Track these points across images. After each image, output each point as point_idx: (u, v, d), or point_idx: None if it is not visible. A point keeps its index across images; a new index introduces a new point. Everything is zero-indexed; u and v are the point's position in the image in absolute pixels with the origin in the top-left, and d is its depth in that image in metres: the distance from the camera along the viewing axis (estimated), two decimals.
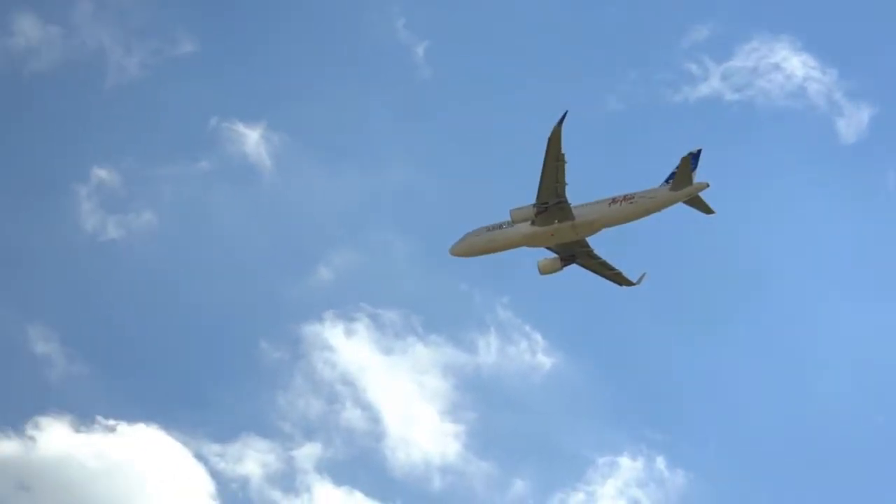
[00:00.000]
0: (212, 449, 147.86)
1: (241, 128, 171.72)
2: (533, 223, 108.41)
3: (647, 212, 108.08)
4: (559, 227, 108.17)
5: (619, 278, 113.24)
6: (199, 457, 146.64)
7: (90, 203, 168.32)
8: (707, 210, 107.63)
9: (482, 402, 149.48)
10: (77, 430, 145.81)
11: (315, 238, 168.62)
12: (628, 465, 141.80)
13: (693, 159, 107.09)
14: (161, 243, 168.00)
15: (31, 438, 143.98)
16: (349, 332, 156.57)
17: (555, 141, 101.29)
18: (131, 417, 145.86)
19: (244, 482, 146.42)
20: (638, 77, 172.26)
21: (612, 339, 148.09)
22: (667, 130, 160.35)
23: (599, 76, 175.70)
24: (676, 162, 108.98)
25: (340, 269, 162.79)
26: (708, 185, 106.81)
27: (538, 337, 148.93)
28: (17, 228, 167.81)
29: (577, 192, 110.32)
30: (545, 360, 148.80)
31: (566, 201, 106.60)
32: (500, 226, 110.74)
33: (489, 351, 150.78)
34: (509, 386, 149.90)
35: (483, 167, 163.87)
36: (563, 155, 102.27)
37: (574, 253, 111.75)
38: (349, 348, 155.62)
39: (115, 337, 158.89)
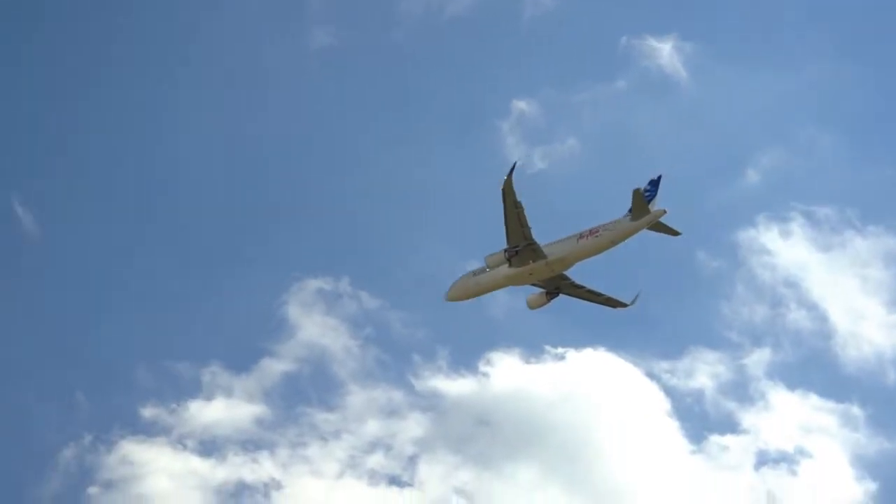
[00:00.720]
0: (661, 366, 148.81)
1: (652, 42, 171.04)
2: (511, 265, 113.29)
3: (613, 243, 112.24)
4: (535, 267, 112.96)
5: (610, 302, 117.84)
6: (651, 375, 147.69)
7: (513, 137, 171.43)
8: (672, 233, 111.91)
9: None
10: (527, 362, 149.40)
11: (739, 142, 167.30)
12: None
13: (652, 186, 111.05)
14: (586, 168, 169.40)
15: (485, 375, 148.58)
16: (784, 234, 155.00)
17: (508, 192, 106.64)
18: (578, 343, 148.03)
19: (698, 396, 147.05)
20: None
21: None
22: None
23: None
24: None
25: (767, 170, 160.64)
26: (665, 212, 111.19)
27: None
28: (446, 169, 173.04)
29: None
30: None
31: (535, 242, 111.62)
32: (483, 270, 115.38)
33: None
34: None
35: None
36: (519, 203, 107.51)
37: (558, 286, 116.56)
38: (786, 250, 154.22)
39: None
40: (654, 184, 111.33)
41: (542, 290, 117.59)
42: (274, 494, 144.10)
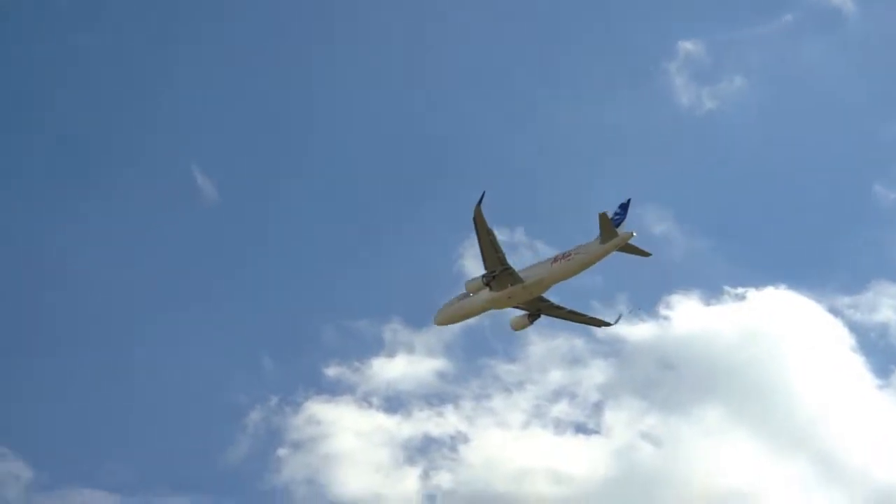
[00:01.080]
0: (844, 302, 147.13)
1: None
2: (491, 289, 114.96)
3: (585, 265, 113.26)
4: (513, 290, 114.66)
5: (593, 322, 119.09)
6: (833, 311, 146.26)
7: (681, 78, 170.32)
8: (642, 254, 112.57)
9: None
10: (707, 304, 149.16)
11: None
12: None
13: (622, 209, 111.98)
14: (755, 107, 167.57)
15: (666, 318, 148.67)
16: None
17: (479, 220, 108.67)
18: (758, 283, 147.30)
19: (882, 330, 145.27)
20: None
21: None
22: None
23: None
24: None
25: None
26: (633, 235, 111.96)
27: None
28: (616, 114, 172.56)
29: None
30: None
31: (510, 267, 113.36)
32: (466, 294, 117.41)
33: None
34: None
35: None
36: (491, 230, 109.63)
37: (539, 308, 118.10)
38: None
39: (726, 208, 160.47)
40: (624, 207, 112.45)
41: (524, 312, 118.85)
42: (461, 447, 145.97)
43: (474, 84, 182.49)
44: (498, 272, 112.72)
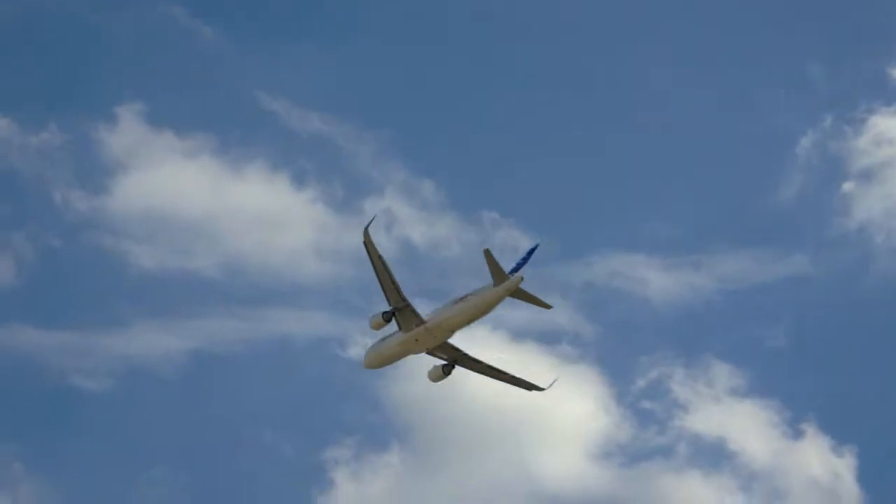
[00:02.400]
0: None
1: None
2: (401, 329, 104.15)
3: (480, 309, 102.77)
4: (418, 332, 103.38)
5: (521, 384, 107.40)
6: None
7: None
8: (542, 305, 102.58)
9: None
10: None
11: None
12: None
13: (528, 254, 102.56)
14: None
15: None
16: None
17: (369, 244, 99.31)
18: None
19: None
20: None
21: None
22: None
23: None
24: None
25: None
26: (521, 279, 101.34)
27: None
28: None
29: None
30: None
31: (410, 305, 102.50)
32: (384, 338, 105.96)
33: None
34: None
35: None
36: (381, 258, 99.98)
37: (454, 358, 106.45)
38: None
39: None
40: (531, 252, 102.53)
41: (441, 362, 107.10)
42: None
43: None
44: (401, 308, 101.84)
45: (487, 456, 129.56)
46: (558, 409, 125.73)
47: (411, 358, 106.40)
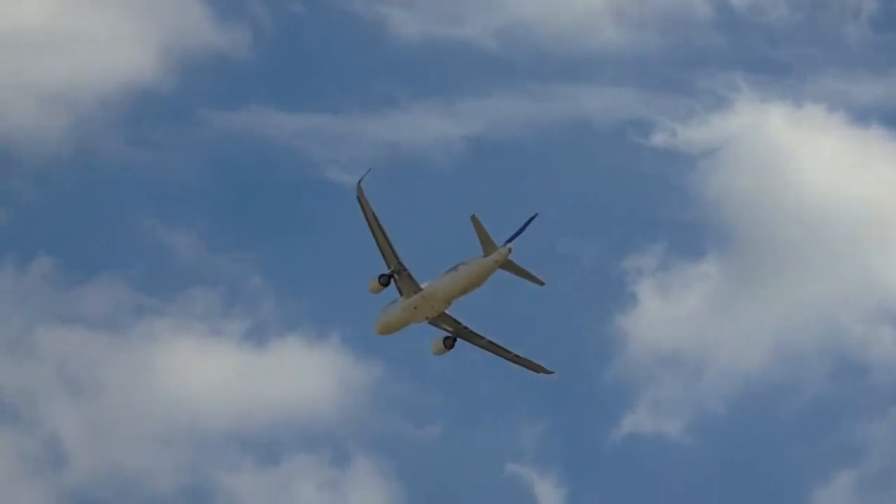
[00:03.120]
0: None
1: None
2: (402, 295, 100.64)
3: (471, 280, 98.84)
4: (416, 300, 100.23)
5: (528, 364, 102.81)
6: None
7: None
8: (533, 280, 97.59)
9: None
10: None
11: None
12: None
13: (526, 224, 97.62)
14: None
15: None
16: None
17: (362, 200, 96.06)
18: None
19: None
20: None
21: None
22: None
23: None
24: None
25: None
26: (510, 251, 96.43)
27: None
28: None
29: None
30: None
31: (405, 269, 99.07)
32: (393, 301, 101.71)
33: None
34: None
35: None
36: (376, 217, 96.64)
37: (457, 330, 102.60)
38: None
39: None
40: (528, 222, 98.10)
41: (444, 333, 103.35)
42: None
43: None
44: (399, 272, 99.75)
45: (824, 262, 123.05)
46: None
47: None
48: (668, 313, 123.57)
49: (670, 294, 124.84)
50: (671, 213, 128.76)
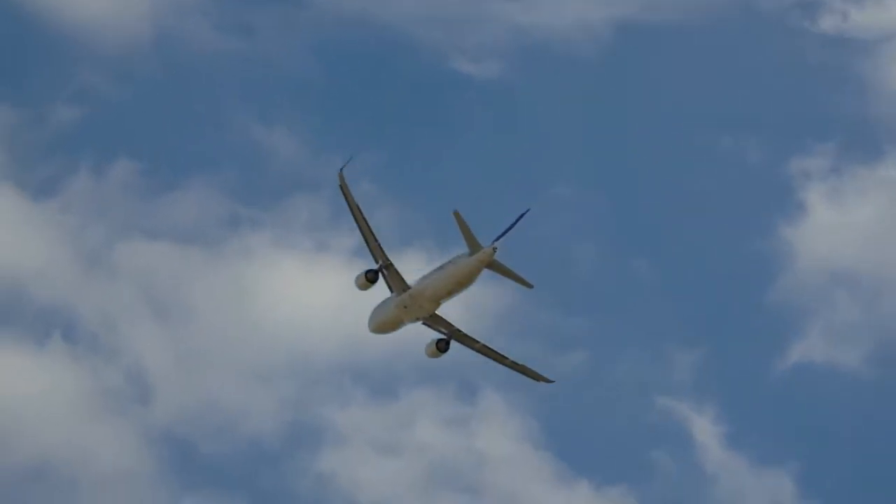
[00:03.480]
0: None
1: None
2: (393, 292, 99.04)
3: (457, 280, 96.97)
4: (405, 298, 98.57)
5: (526, 372, 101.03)
6: None
7: None
8: (520, 282, 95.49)
9: None
10: None
11: None
12: None
13: (516, 221, 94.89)
14: None
15: None
16: None
17: (344, 188, 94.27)
18: None
19: None
20: None
21: None
22: None
23: None
24: None
25: None
26: (495, 251, 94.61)
27: None
28: None
29: None
30: None
31: (391, 264, 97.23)
32: (386, 299, 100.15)
33: None
34: None
35: None
36: (359, 207, 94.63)
37: (450, 332, 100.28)
38: None
39: None
40: (519, 218, 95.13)
41: (438, 335, 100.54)
42: None
43: None
44: (386, 267, 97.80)
45: None
46: None
47: None
48: (841, 224, 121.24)
49: (844, 202, 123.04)
50: (843, 108, 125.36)
